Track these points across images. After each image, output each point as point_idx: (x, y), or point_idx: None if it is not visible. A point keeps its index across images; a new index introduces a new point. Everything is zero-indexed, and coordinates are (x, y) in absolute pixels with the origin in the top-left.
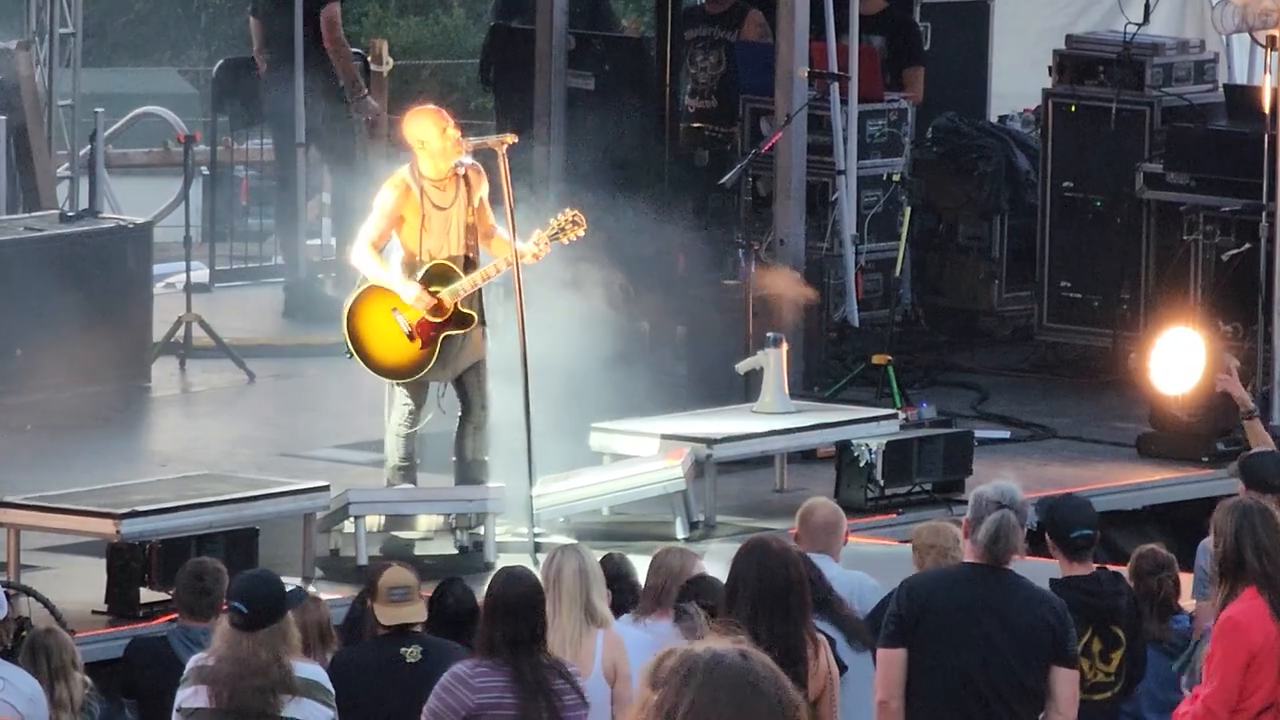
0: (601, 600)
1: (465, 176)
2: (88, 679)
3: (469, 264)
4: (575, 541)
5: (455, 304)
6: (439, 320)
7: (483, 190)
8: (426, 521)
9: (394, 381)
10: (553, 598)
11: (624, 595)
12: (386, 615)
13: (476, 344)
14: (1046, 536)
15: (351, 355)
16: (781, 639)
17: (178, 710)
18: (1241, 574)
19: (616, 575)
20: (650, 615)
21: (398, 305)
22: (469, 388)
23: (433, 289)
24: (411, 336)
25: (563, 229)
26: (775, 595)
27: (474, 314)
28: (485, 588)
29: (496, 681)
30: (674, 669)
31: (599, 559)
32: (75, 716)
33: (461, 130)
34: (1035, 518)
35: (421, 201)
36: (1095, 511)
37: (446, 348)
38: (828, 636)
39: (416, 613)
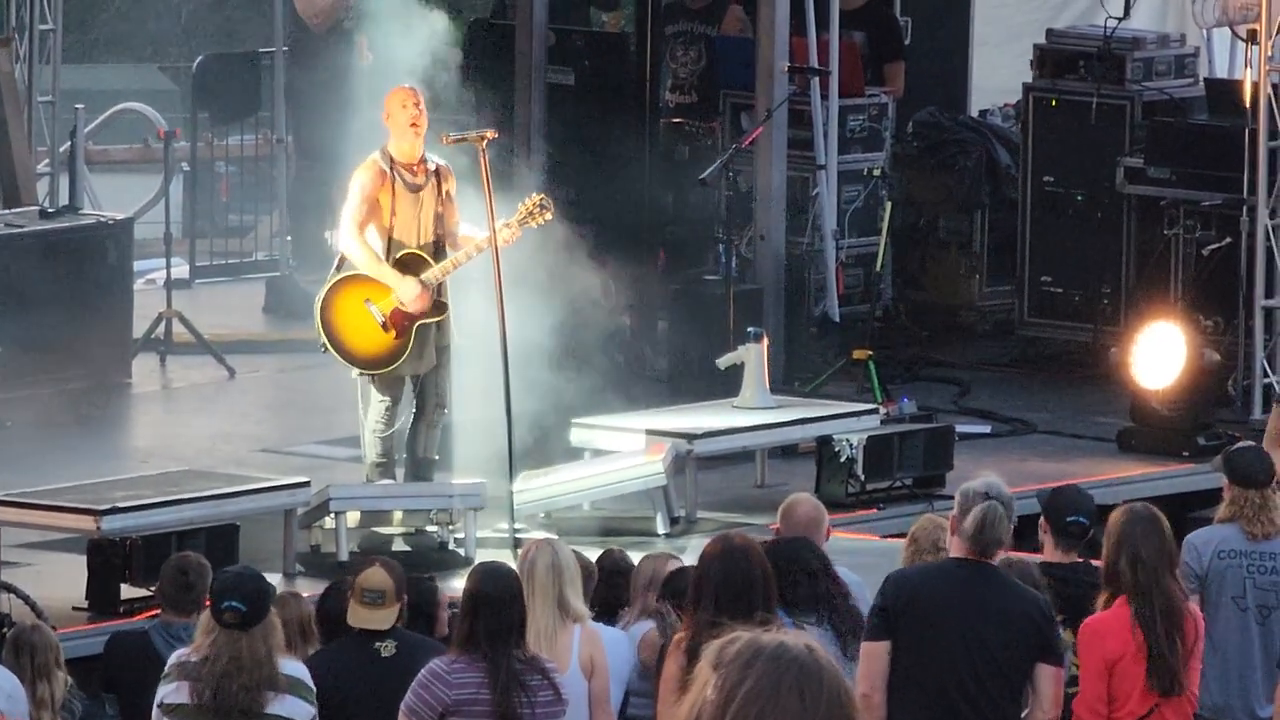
0: (575, 595)
1: (437, 170)
2: (69, 677)
3: (438, 252)
4: (550, 536)
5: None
6: (413, 310)
7: (451, 186)
8: (408, 518)
9: (369, 373)
10: (526, 592)
11: (621, 591)
12: (355, 616)
13: (443, 329)
14: (1042, 521)
15: (325, 348)
16: None
17: (159, 706)
18: (1119, 582)
19: (615, 571)
20: (630, 618)
21: (370, 296)
22: (427, 385)
23: (423, 278)
24: (386, 327)
25: (530, 213)
26: (737, 592)
27: (446, 301)
28: (464, 583)
29: (473, 677)
30: (739, 652)
31: (601, 554)
32: (56, 715)
33: (441, 126)
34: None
35: (393, 181)
36: (1094, 505)
37: (420, 337)
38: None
39: (384, 619)
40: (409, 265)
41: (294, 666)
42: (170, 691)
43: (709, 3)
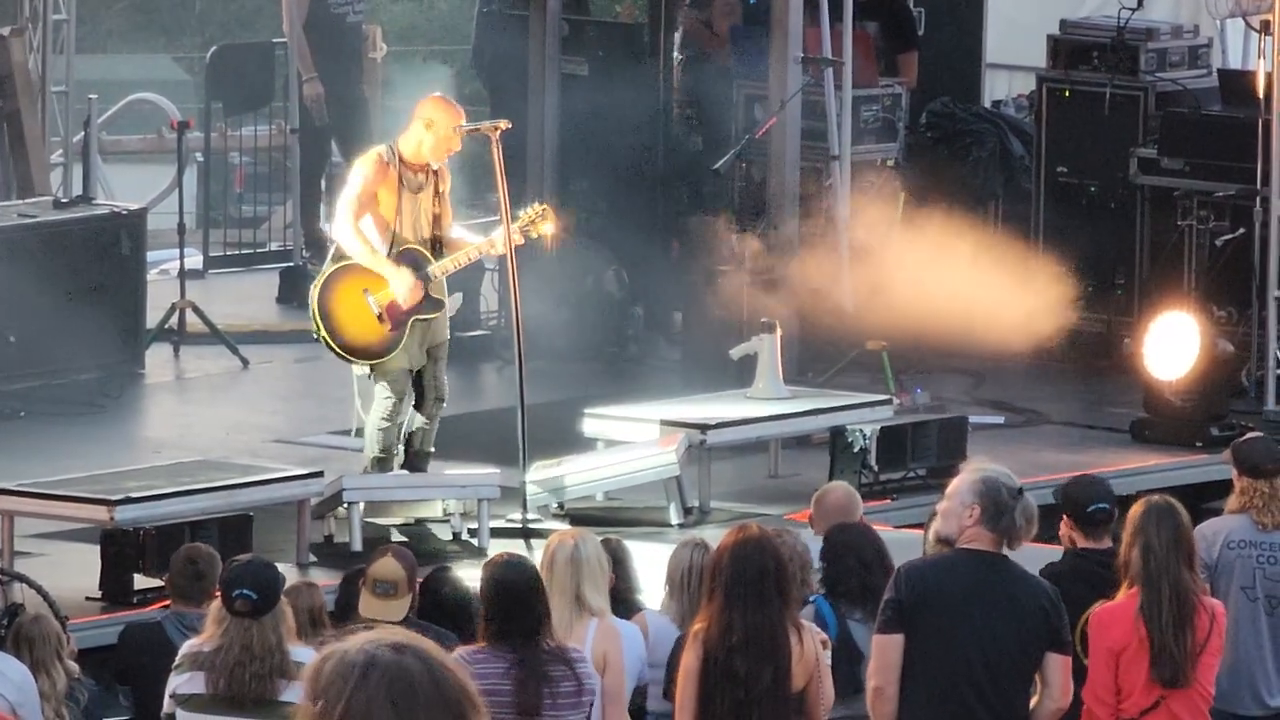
0: (594, 591)
1: (436, 171)
2: (72, 665)
3: (435, 250)
4: (575, 529)
5: (426, 289)
6: (405, 305)
7: (446, 186)
8: (404, 508)
9: (361, 363)
10: (546, 584)
11: (617, 581)
12: (366, 606)
13: (440, 326)
14: (1063, 514)
15: (318, 333)
16: (757, 627)
17: (171, 696)
18: (1129, 572)
19: (614, 561)
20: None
21: (369, 286)
22: (425, 378)
23: (419, 275)
24: (381, 319)
25: (532, 222)
26: (748, 583)
27: (443, 298)
28: (481, 575)
29: (495, 668)
30: (330, 680)
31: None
32: (60, 706)
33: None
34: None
35: (399, 177)
36: (1112, 490)
37: (415, 332)
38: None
39: (395, 611)
40: (409, 259)
41: (305, 653)
42: (184, 682)
43: None
